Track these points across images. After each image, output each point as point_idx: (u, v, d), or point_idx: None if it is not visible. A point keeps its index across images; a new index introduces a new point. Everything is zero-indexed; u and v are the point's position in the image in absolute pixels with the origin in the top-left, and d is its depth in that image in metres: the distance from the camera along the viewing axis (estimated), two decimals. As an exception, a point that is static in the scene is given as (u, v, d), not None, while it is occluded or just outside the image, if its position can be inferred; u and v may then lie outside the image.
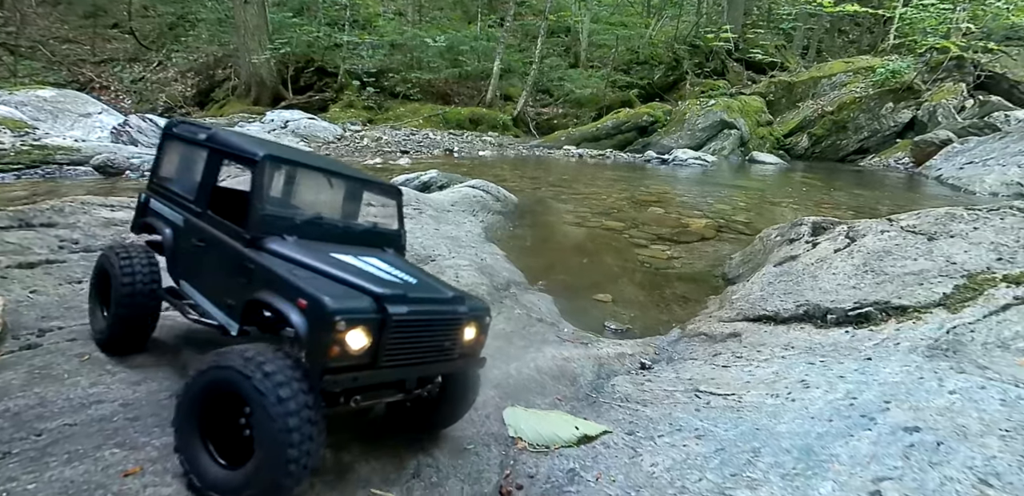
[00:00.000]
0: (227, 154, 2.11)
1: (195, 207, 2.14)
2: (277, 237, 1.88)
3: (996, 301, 2.45)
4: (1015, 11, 23.56)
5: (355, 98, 21.92)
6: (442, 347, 1.77)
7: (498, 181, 11.26)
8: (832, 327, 2.78)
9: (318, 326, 1.52)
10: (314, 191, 2.19)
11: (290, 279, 1.65)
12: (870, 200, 11.61)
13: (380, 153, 15.72)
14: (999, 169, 14.08)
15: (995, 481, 1.35)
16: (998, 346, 2.11)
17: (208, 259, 2.02)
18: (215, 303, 1.96)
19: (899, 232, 3.45)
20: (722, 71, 26.43)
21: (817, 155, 21.10)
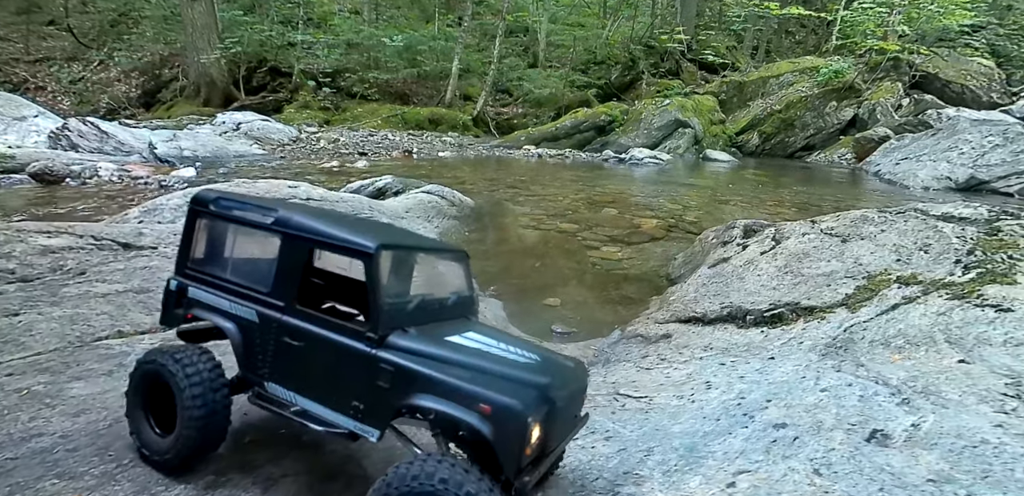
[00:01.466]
0: (321, 244, 1.87)
1: (274, 301, 1.90)
2: (399, 330, 1.77)
3: (888, 301, 2.70)
4: (946, 14, 25.02)
5: (311, 99, 21.51)
6: (576, 417, 1.86)
7: (456, 183, 11.32)
8: (751, 327, 2.99)
9: (512, 430, 1.52)
10: (413, 272, 2.04)
11: (458, 384, 1.61)
12: (813, 197, 12.17)
13: (337, 155, 15.51)
14: (931, 165, 14.99)
15: (825, 471, 1.54)
16: (881, 343, 2.34)
17: (311, 360, 1.83)
18: (333, 408, 1.79)
19: (818, 234, 3.71)
20: (677, 71, 27.10)
21: (767, 152, 21.93)
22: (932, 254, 3.02)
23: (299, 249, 1.89)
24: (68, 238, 3.19)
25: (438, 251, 2.18)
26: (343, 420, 1.77)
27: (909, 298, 2.64)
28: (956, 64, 23.40)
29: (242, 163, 13.38)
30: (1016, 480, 1.37)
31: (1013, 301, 2.30)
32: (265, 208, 2.00)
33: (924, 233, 3.24)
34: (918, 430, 1.63)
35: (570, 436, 1.85)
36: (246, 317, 1.95)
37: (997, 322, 2.20)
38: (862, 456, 1.55)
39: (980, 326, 2.21)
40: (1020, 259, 2.72)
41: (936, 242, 3.10)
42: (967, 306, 2.37)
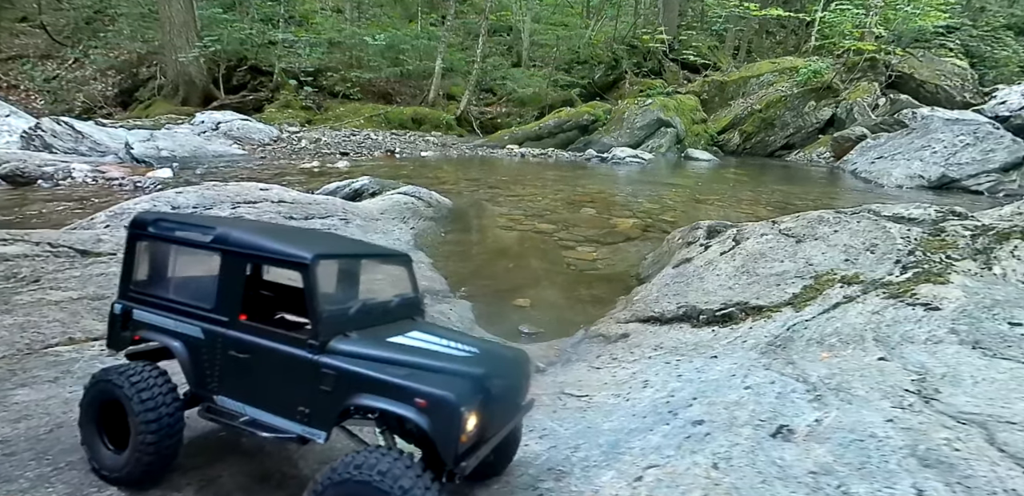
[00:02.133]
0: (260, 258, 1.94)
1: (219, 316, 1.95)
2: (341, 336, 1.83)
3: (830, 300, 2.79)
4: (922, 15, 25.50)
5: (292, 98, 21.35)
6: (517, 404, 1.95)
7: (437, 183, 11.34)
8: (703, 327, 3.07)
9: (446, 420, 1.61)
10: (352, 277, 2.10)
11: (394, 381, 1.68)
12: (789, 196, 12.36)
13: (319, 155, 15.42)
14: (904, 163, 15.30)
15: (723, 464, 1.62)
16: (817, 342, 2.43)
17: (258, 371, 1.89)
18: (281, 414, 1.85)
19: (776, 235, 3.81)
20: (659, 71, 27.31)
21: (748, 151, 22.21)
22: (877, 254, 3.13)
23: (239, 265, 1.95)
24: (24, 246, 3.16)
25: (379, 256, 2.25)
26: (291, 425, 1.83)
27: (850, 297, 2.74)
28: (931, 64, 23.86)
29: (221, 163, 13.27)
30: (887, 471, 1.46)
31: (942, 300, 2.40)
32: (204, 227, 2.03)
33: (873, 234, 3.35)
34: (819, 425, 1.71)
35: (514, 421, 1.93)
36: (192, 334, 1.99)
37: (924, 320, 2.30)
38: (761, 450, 1.63)
39: (908, 324, 2.30)
40: (957, 259, 2.83)
41: (882, 242, 3.21)
42: (900, 305, 2.47)
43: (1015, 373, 1.79)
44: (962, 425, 1.57)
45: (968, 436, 1.52)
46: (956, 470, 1.41)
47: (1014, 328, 2.08)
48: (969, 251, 2.89)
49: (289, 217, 4.93)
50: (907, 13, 25.50)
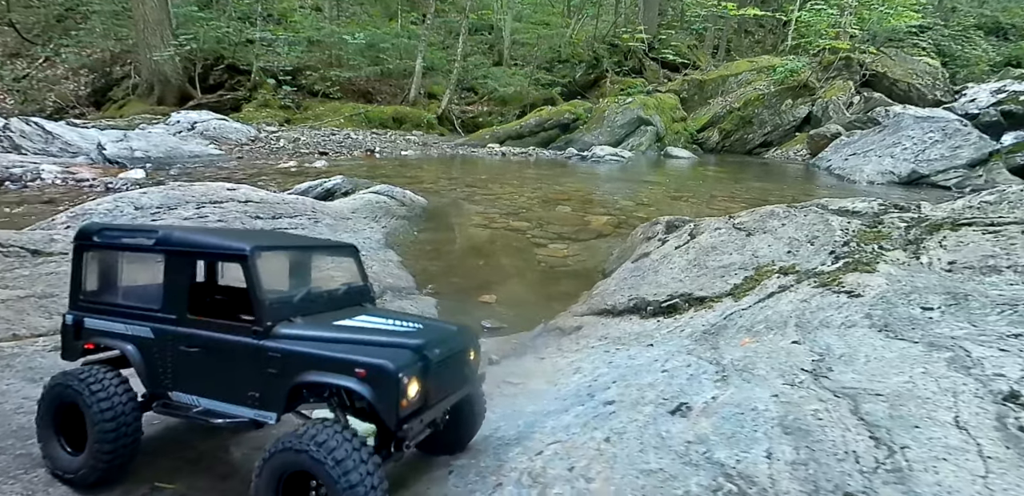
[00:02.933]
0: (201, 255, 2.07)
1: (167, 315, 2.05)
2: (285, 321, 1.93)
3: (767, 290, 2.91)
4: (895, 15, 26.03)
5: (271, 97, 21.17)
6: (463, 374, 2.05)
7: (414, 182, 11.36)
8: (650, 317, 3.17)
9: (385, 387, 1.71)
10: (295, 268, 2.23)
11: (335, 355, 1.79)
12: (764, 192, 12.58)
13: (297, 155, 15.34)
14: (876, 160, 15.64)
15: (615, 438, 1.74)
16: (746, 329, 2.53)
17: (208, 362, 1.98)
18: (233, 401, 1.95)
19: (729, 229, 3.93)
20: (640, 69, 27.53)
21: (727, 149, 22.50)
22: (816, 246, 3.25)
23: (183, 263, 2.05)
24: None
25: (322, 248, 2.38)
26: (243, 411, 1.93)
27: (784, 287, 2.85)
28: (903, 63, 24.36)
29: (196, 164, 13.15)
30: (752, 439, 1.57)
31: (865, 287, 2.52)
32: (147, 231, 2.14)
33: (816, 226, 3.47)
34: (714, 402, 1.82)
35: (463, 391, 2.04)
36: (142, 335, 2.08)
37: (844, 307, 2.41)
38: (653, 425, 1.74)
39: (829, 311, 2.42)
40: (888, 249, 2.96)
41: (822, 234, 3.34)
42: (826, 293, 2.59)
43: (905, 352, 1.90)
44: (836, 398, 1.68)
45: (836, 407, 1.63)
46: (810, 436, 1.52)
47: (925, 312, 2.20)
48: (901, 241, 3.02)
49: (256, 217, 4.94)
50: (881, 13, 26.02)
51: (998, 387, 1.57)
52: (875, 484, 1.35)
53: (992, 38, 30.90)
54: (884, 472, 1.37)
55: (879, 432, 1.50)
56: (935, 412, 1.52)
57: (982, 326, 1.98)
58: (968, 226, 3.04)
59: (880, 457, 1.42)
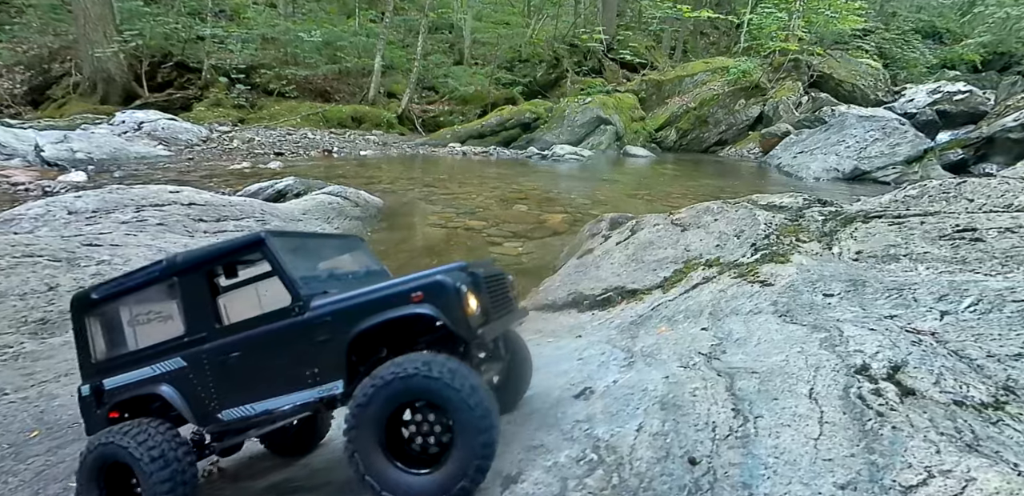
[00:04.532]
0: (214, 261, 2.03)
1: (195, 335, 2.01)
2: (320, 295, 1.93)
3: (692, 282, 3.06)
4: (840, 19, 27.23)
5: (223, 96, 20.56)
6: (509, 299, 2.09)
7: (372, 182, 11.27)
8: (586, 311, 3.29)
9: (446, 299, 1.72)
10: (311, 253, 2.24)
11: (384, 293, 1.79)
12: (717, 189, 12.98)
13: (251, 156, 14.98)
14: (822, 157, 16.35)
15: (519, 420, 1.90)
16: (668, 318, 2.67)
17: (252, 363, 1.95)
18: (291, 390, 1.91)
19: (667, 225, 4.09)
20: (600, 69, 27.94)
21: (684, 147, 23.09)
22: (741, 239, 3.43)
23: (197, 279, 2.04)
24: None
25: (333, 237, 2.48)
26: (306, 395, 1.90)
27: (708, 278, 3.00)
28: (848, 65, 25.49)
29: (143, 165, 12.70)
30: (630, 416, 1.71)
31: (776, 277, 2.69)
32: (146, 267, 2.12)
33: (745, 221, 3.66)
34: (614, 385, 1.94)
35: (514, 316, 2.11)
36: (174, 369, 2.04)
37: (755, 296, 2.57)
38: (556, 408, 1.86)
39: (741, 300, 2.57)
40: (805, 241, 3.15)
41: (748, 228, 3.52)
42: (742, 283, 2.74)
43: (792, 334, 2.06)
44: (718, 377, 1.82)
45: (714, 385, 1.77)
46: (681, 410, 1.66)
47: (826, 298, 2.37)
48: (817, 234, 3.22)
49: (199, 220, 4.83)
50: (827, 17, 27.18)
51: (854, 361, 1.73)
52: (721, 449, 1.48)
53: (929, 42, 32.65)
54: (733, 439, 1.51)
55: (742, 405, 1.64)
56: (796, 385, 1.67)
57: (869, 309, 2.15)
58: (878, 218, 3.26)
59: (735, 426, 1.56)
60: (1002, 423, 1.37)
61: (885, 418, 1.46)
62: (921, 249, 2.73)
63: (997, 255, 2.49)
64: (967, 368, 1.64)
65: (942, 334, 1.86)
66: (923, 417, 1.45)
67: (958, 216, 3.06)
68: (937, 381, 1.57)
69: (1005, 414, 1.41)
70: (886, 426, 1.42)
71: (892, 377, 1.62)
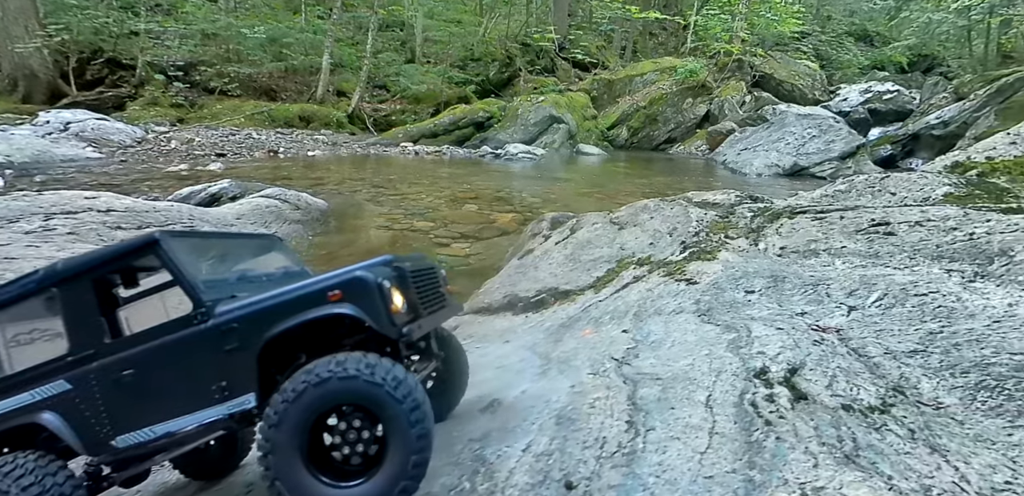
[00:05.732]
0: (102, 267, 1.81)
1: (81, 353, 1.80)
2: (227, 299, 1.76)
3: (623, 281, 3.08)
4: (780, 22, 28.38)
5: (160, 94, 19.55)
6: (441, 294, 1.97)
7: (319, 183, 10.94)
8: (520, 313, 3.26)
9: (368, 297, 1.58)
10: (218, 255, 2.04)
11: (299, 293, 1.63)
12: (666, 186, 13.25)
13: (190, 157, 14.29)
14: (763, 154, 16.99)
15: None
16: (595, 320, 2.68)
17: (150, 379, 1.75)
18: (196, 408, 1.72)
19: (605, 223, 4.11)
20: (552, 68, 28.11)
21: (635, 145, 23.53)
22: (673, 237, 3.48)
23: (81, 288, 1.83)
24: None
25: (247, 237, 2.26)
26: (213, 412, 1.72)
27: (638, 278, 3.03)
28: (788, 66, 26.58)
29: (70, 169, 11.91)
30: (524, 431, 1.68)
31: (702, 275, 2.73)
32: (20, 278, 1.90)
33: (678, 218, 3.71)
34: (522, 395, 1.92)
35: (446, 312, 2.01)
36: (56, 393, 1.82)
37: (680, 294, 2.60)
38: (457, 424, 1.82)
39: (666, 299, 2.60)
40: (734, 238, 3.22)
41: (681, 226, 3.57)
42: (670, 282, 2.77)
43: (705, 335, 2.08)
44: (623, 384, 1.81)
45: (617, 394, 1.75)
46: (573, 425, 1.63)
47: (747, 295, 2.42)
48: (745, 230, 3.30)
49: (117, 227, 4.52)
50: (768, 19, 28.31)
51: (754, 364, 1.74)
52: (603, 469, 1.43)
53: (861, 44, 34.45)
54: (619, 456, 1.46)
55: (638, 416, 1.61)
56: (695, 392, 1.66)
57: (786, 306, 2.20)
58: (803, 214, 3.36)
59: (624, 441, 1.52)
60: (885, 428, 1.39)
61: (772, 427, 1.44)
62: (839, 244, 2.83)
63: (906, 248, 2.59)
64: (863, 367, 1.67)
65: (847, 331, 1.91)
66: (809, 425, 1.44)
67: (874, 210, 3.19)
68: (830, 384, 1.59)
69: (890, 418, 1.43)
70: (771, 437, 1.40)
71: (788, 380, 1.63)
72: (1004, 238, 2.37)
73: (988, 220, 2.65)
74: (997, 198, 3.70)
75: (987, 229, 2.51)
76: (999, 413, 1.36)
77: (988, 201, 3.57)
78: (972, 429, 1.32)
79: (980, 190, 3.93)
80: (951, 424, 1.36)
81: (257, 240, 2.31)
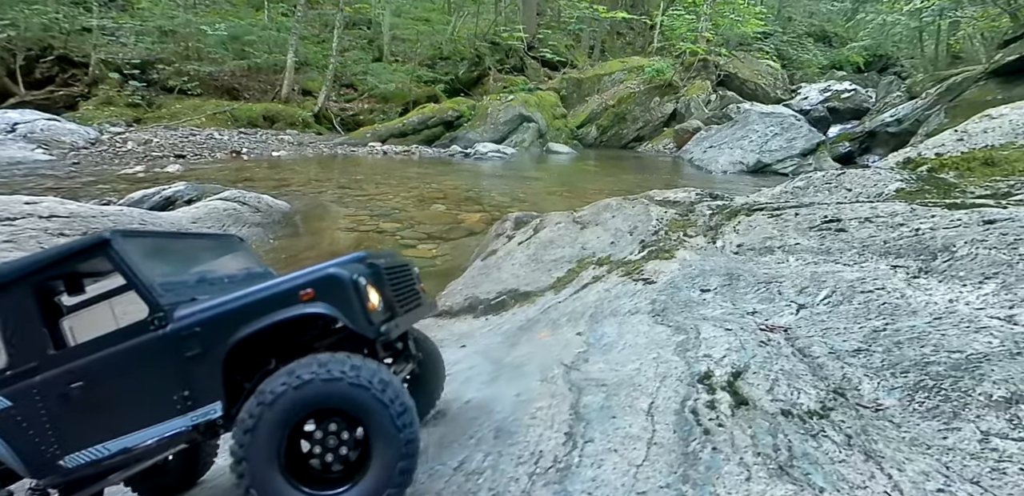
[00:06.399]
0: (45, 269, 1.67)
1: (21, 367, 1.65)
2: (186, 302, 1.64)
3: (583, 281, 3.08)
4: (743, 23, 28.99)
5: (116, 94, 18.80)
6: (416, 292, 1.91)
7: (283, 185, 10.67)
8: (480, 316, 3.23)
9: (343, 294, 1.51)
10: (182, 257, 1.93)
11: (269, 293, 1.54)
12: (634, 184, 13.37)
13: (148, 159, 13.79)
14: (728, 151, 17.34)
15: None
16: (553, 322, 2.66)
17: (102, 392, 1.61)
18: (155, 420, 1.59)
19: (568, 223, 4.10)
20: (522, 67, 28.11)
21: (605, 143, 23.73)
22: (634, 236, 3.49)
23: (19, 296, 1.68)
24: None
25: (206, 237, 2.15)
26: (175, 424, 1.61)
27: (597, 277, 3.02)
28: (751, 65, 27.20)
29: (17, 172, 11.35)
30: (463, 446, 1.65)
31: (659, 274, 2.74)
32: None
33: (639, 217, 3.73)
34: (467, 405, 1.89)
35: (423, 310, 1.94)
36: None
37: (637, 294, 2.60)
38: None
39: (623, 299, 2.59)
40: (692, 236, 3.24)
41: (642, 224, 3.59)
42: (628, 281, 2.77)
43: (655, 337, 2.08)
44: (568, 392, 1.79)
45: (560, 403, 1.73)
46: (511, 438, 1.59)
47: (702, 294, 2.43)
48: (704, 228, 3.33)
49: (60, 234, 4.29)
50: (731, 20, 28.86)
51: (699, 368, 1.73)
52: (535, 487, 1.38)
53: (820, 44, 35.48)
54: (553, 472, 1.42)
55: (578, 427, 1.57)
56: (638, 399, 1.64)
57: (739, 304, 2.21)
58: (760, 211, 3.41)
59: (560, 455, 1.47)
60: (822, 434, 1.38)
61: (710, 437, 1.42)
62: (793, 241, 2.87)
63: (856, 245, 2.64)
64: (806, 369, 1.68)
65: (794, 330, 1.92)
66: (746, 434, 1.42)
67: (828, 207, 3.25)
68: (772, 387, 1.58)
69: (828, 423, 1.42)
70: (707, 447, 1.38)
71: (732, 385, 1.62)
72: (947, 234, 2.43)
73: (933, 216, 2.72)
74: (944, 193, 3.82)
75: (932, 225, 2.58)
76: (935, 415, 1.38)
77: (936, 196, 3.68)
78: (908, 432, 1.33)
79: (929, 186, 4.05)
80: (888, 427, 1.36)
81: (217, 240, 2.22)
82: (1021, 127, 5.13)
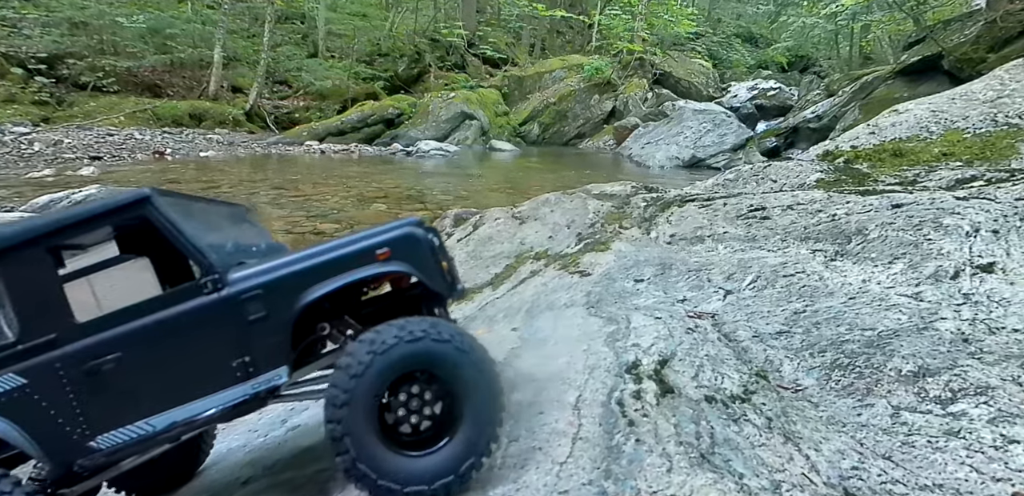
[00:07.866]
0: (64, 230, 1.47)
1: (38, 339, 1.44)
2: (236, 265, 1.53)
3: (520, 276, 3.06)
4: (676, 23, 30.03)
5: (20, 90, 17.23)
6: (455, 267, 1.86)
7: (211, 187, 10.09)
8: (418, 315, 3.14)
9: (422, 255, 1.50)
10: (209, 222, 1.75)
11: (343, 253, 1.49)
12: (575, 180, 13.51)
13: (58, 161, 12.73)
14: (665, 147, 17.89)
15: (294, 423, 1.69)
16: (490, 318, 2.63)
17: (150, 361, 1.45)
18: (210, 392, 1.46)
19: (507, 218, 4.07)
20: (463, 65, 27.91)
21: (547, 141, 23.95)
22: (571, 229, 3.51)
23: (35, 258, 1.48)
24: None
25: (220, 204, 2.04)
26: (235, 392, 1.49)
27: (535, 272, 3.01)
28: (684, 64, 28.19)
29: (-101, 176, 10.20)
30: None
31: (595, 266, 2.76)
32: None
33: (577, 211, 3.75)
34: None
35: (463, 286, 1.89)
36: (6, 389, 1.44)
37: (573, 287, 2.61)
38: None
39: (560, 292, 2.59)
40: (627, 227, 3.29)
41: (579, 218, 3.61)
42: (564, 275, 2.78)
43: (587, 329, 2.08)
44: None
45: None
46: None
47: (636, 284, 2.46)
48: (639, 220, 3.39)
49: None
50: (665, 20, 29.82)
51: (627, 358, 1.73)
52: None
53: (748, 45, 37.28)
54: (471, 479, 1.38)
55: (506, 425, 1.53)
56: (566, 393, 1.62)
57: (670, 293, 2.25)
58: (692, 202, 3.50)
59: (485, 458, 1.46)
60: (743, 419, 1.41)
61: (634, 429, 1.40)
62: (722, 229, 2.95)
63: (779, 231, 2.75)
64: (731, 354, 1.72)
65: (721, 316, 1.97)
66: (670, 423, 1.41)
67: (754, 197, 3.37)
68: (696, 374, 1.61)
69: (750, 407, 1.45)
70: (631, 440, 1.36)
71: (658, 373, 1.62)
72: (860, 218, 2.57)
73: (848, 202, 2.87)
74: (859, 182, 4.05)
75: (847, 210, 2.72)
76: (850, 392, 1.43)
77: (851, 185, 3.90)
78: (826, 411, 1.38)
79: (846, 175, 4.29)
80: (807, 407, 1.41)
81: (232, 208, 2.09)
82: (924, 121, 5.54)
